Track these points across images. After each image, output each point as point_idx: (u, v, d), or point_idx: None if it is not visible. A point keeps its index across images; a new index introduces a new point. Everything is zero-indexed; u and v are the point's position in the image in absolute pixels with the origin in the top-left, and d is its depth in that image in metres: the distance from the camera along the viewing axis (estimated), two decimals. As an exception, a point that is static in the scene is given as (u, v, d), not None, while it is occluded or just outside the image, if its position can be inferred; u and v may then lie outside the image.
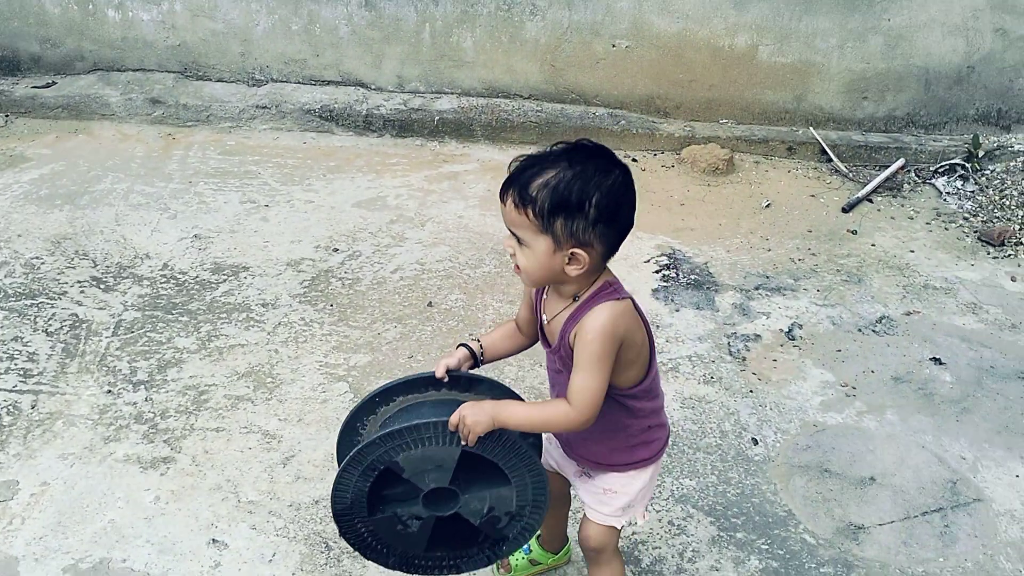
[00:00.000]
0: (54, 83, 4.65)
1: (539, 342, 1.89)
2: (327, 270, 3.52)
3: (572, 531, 2.32)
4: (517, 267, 1.68)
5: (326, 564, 2.28)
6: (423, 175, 4.23)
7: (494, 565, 2.05)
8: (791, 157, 4.53)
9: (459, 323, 3.25)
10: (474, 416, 1.69)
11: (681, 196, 4.19)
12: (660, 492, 2.58)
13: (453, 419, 1.70)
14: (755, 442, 2.80)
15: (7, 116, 4.56)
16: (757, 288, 3.57)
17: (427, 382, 1.88)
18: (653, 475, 1.93)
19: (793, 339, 3.29)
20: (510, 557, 2.25)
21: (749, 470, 2.67)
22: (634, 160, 4.42)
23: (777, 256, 3.80)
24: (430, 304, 3.35)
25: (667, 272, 3.63)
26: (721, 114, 4.58)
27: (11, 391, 2.82)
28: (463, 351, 1.91)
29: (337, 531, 1.90)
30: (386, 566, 1.95)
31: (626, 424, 1.83)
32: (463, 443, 1.71)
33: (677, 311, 3.40)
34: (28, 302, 3.21)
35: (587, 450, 1.91)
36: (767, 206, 4.16)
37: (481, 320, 3.26)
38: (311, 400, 2.86)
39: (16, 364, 2.93)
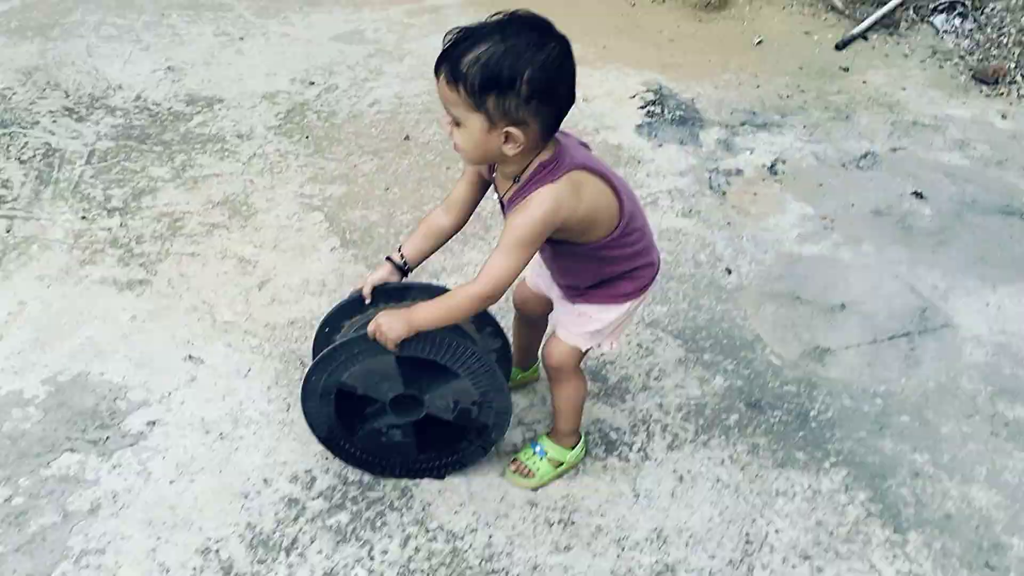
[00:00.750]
0: (19, -88, 4.44)
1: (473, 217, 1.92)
2: (303, 103, 3.45)
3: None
4: (456, 145, 1.62)
5: (301, 378, 2.33)
6: (404, 8, 4.09)
7: (515, 475, 2.11)
8: (787, -7, 4.37)
9: (436, 156, 3.21)
10: (388, 324, 1.76)
11: (671, 32, 4.07)
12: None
13: (370, 329, 1.77)
14: (728, 272, 2.81)
15: (-28, -53, 4.37)
16: (743, 124, 3.50)
17: (362, 302, 1.97)
18: (631, 309, 1.94)
19: (775, 174, 3.25)
20: (529, 463, 2.12)
21: (720, 298, 2.70)
22: (624, -5, 4.27)
23: (765, 93, 3.71)
24: (407, 137, 3.30)
25: (652, 108, 3.56)
26: (716, -53, 4.39)
27: (-15, 216, 2.82)
28: (387, 266, 1.95)
29: (333, 455, 2.08)
30: (393, 476, 2.09)
31: (605, 268, 1.84)
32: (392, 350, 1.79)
33: (660, 147, 3.35)
34: (1, 131, 3.17)
35: (570, 283, 1.92)
36: (759, 43, 4.05)
37: (443, 152, 3.20)
38: (287, 228, 2.85)
39: (-11, 191, 2.92)
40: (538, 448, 2.12)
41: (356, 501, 2.04)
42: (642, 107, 3.57)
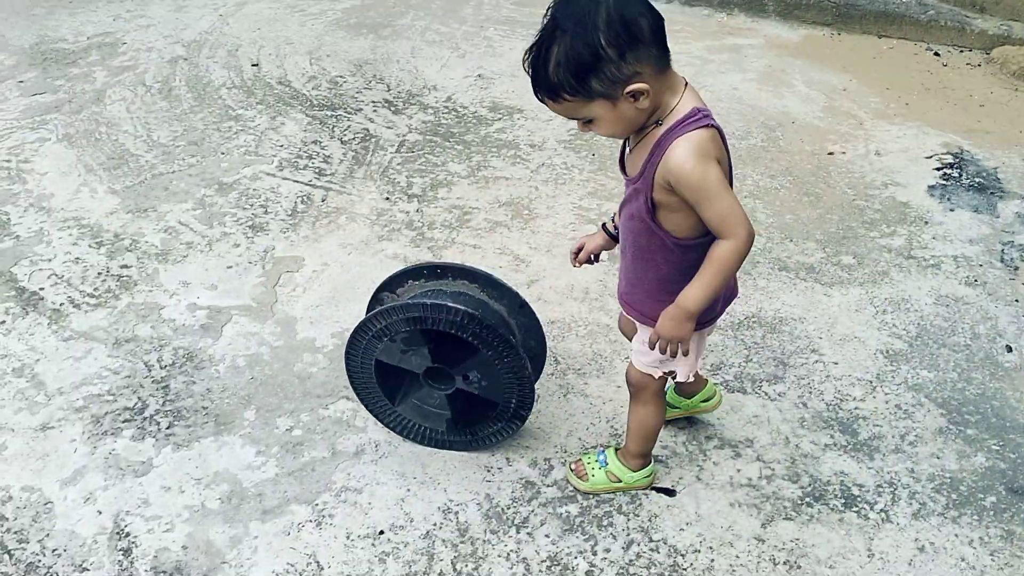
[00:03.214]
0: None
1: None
2: (594, 121, 3.62)
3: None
4: (604, 136, 1.65)
5: (553, 374, 2.46)
6: (704, 44, 4.17)
7: (570, 472, 2.17)
8: None
9: (715, 188, 3.25)
10: (672, 331, 1.68)
11: (982, 97, 3.84)
12: (892, 376, 2.52)
13: (660, 346, 1.72)
14: (1009, 349, 2.62)
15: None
16: (1050, 201, 3.25)
17: (431, 270, 2.18)
18: (699, 341, 1.85)
19: (1080, 258, 2.99)
20: (588, 467, 2.17)
21: (995, 374, 2.53)
22: (936, 54, 4.08)
23: (1082, 171, 3.42)
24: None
25: (948, 171, 3.39)
26: (1049, 12, 4.10)
27: (307, 184, 3.22)
28: (602, 234, 1.97)
29: (384, 426, 2.27)
30: (438, 446, 2.25)
31: (675, 280, 1.71)
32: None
33: (952, 211, 3.19)
34: (329, 113, 3.60)
35: (632, 297, 1.86)
36: (1083, 118, 3.73)
37: (738, 190, 3.24)
38: (561, 235, 3.02)
39: (313, 163, 3.32)
40: (601, 456, 2.15)
41: (587, 496, 2.13)
42: (938, 168, 3.41)
